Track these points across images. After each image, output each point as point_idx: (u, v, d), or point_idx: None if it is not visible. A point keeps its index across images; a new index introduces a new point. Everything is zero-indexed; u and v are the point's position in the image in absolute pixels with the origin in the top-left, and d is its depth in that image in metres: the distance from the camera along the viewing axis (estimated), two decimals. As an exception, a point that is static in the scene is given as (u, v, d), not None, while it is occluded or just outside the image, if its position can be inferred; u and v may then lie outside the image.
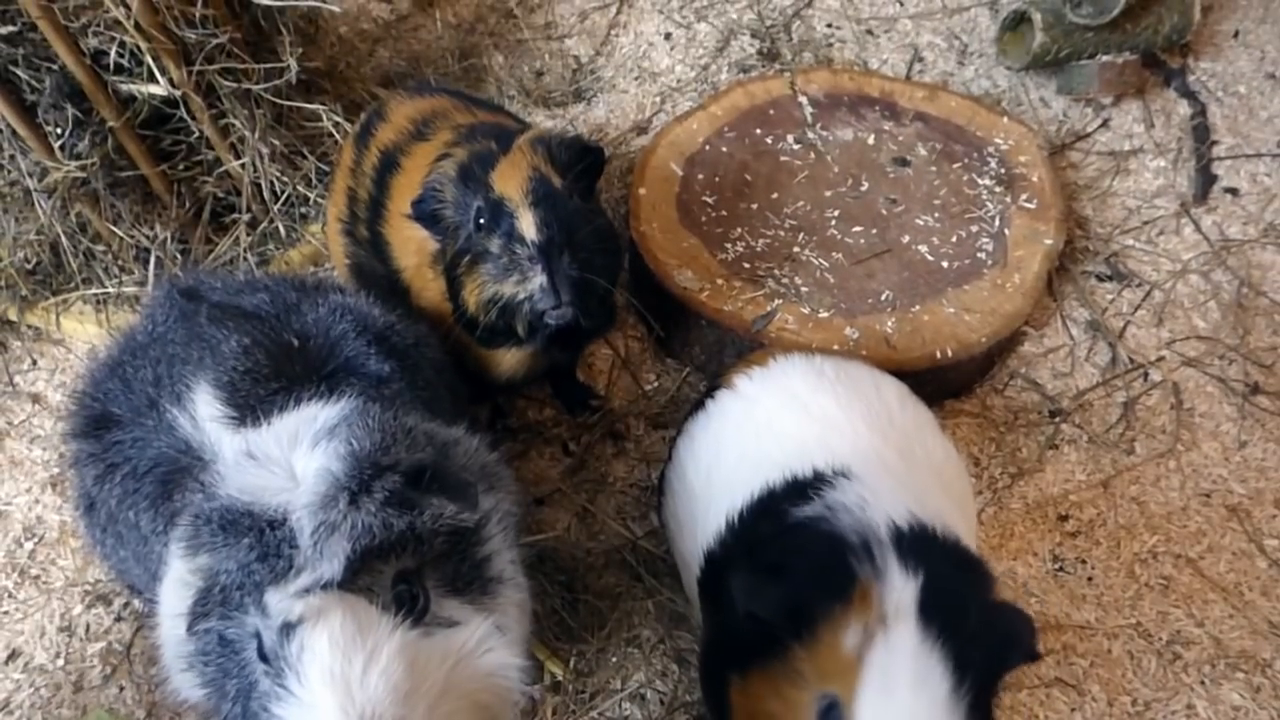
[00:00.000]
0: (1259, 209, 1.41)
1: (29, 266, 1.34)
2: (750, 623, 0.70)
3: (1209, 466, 1.16)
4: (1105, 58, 1.48)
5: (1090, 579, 1.07)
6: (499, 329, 1.00)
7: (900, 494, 0.76)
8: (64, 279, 1.36)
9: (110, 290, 1.35)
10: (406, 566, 0.63)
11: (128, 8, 1.10)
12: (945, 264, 1.22)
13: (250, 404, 0.72)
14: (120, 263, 1.34)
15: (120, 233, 1.28)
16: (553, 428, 1.25)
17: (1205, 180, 1.43)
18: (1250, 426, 1.19)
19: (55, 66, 1.12)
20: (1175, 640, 1.02)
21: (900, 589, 0.67)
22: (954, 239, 1.24)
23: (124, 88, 1.16)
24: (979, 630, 0.65)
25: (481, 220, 0.93)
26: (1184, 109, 1.54)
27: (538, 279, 0.91)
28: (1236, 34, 1.67)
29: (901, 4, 1.77)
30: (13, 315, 1.39)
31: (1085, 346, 1.27)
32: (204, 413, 0.72)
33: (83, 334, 1.39)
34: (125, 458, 0.77)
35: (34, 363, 1.38)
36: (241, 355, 0.75)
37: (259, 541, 0.58)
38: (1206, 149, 1.47)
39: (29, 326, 1.41)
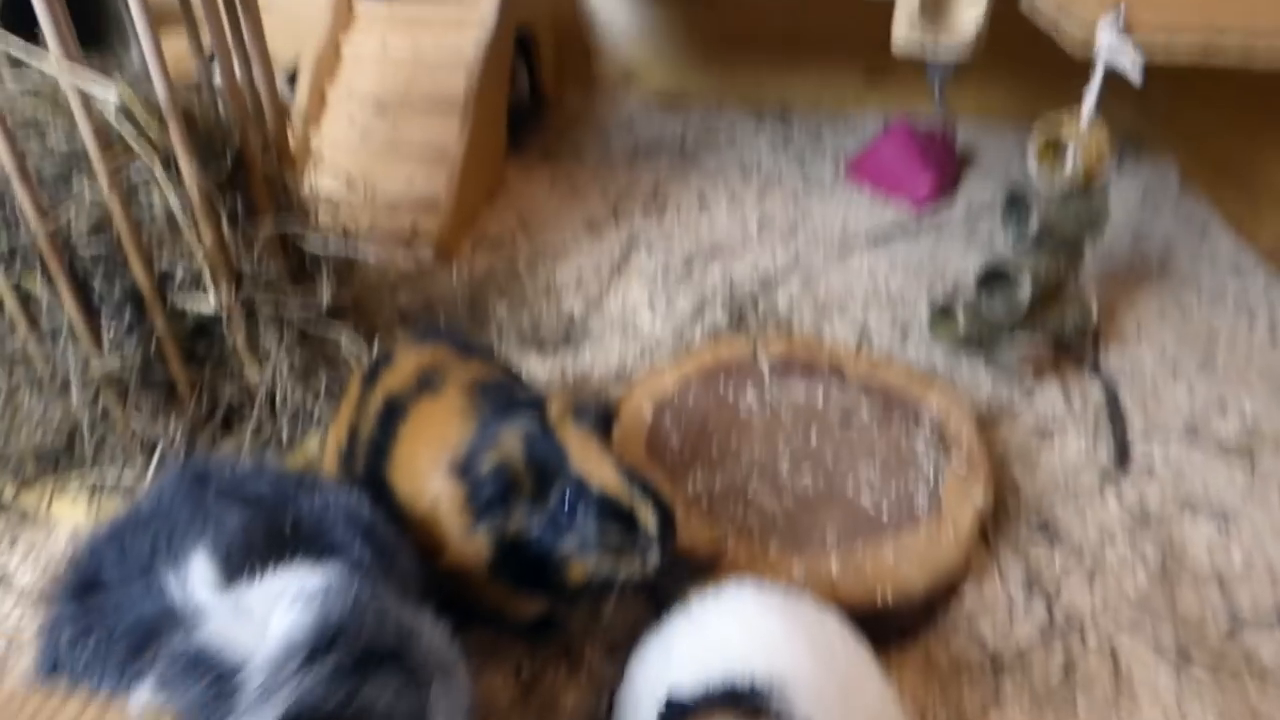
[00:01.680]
0: (1173, 484, 1.56)
1: (41, 448, 1.44)
2: None
3: (1151, 732, 1.18)
4: (1023, 344, 1.72)
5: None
6: (539, 581, 1.08)
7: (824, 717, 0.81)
8: (69, 463, 1.45)
9: (109, 481, 1.44)
10: None
11: (202, 242, 1.32)
12: (885, 514, 1.34)
13: (241, 573, 0.79)
14: (126, 453, 1.44)
15: (136, 425, 1.40)
16: (508, 648, 1.28)
17: (1123, 455, 1.60)
18: (1188, 697, 1.23)
19: (127, 279, 1.32)
20: None
21: None
22: (893, 491, 1.37)
23: (179, 303, 1.35)
24: None
25: (570, 506, 1.03)
26: (1098, 391, 1.75)
27: (655, 559, 1.04)
28: (1139, 332, 1.94)
29: (852, 290, 2.07)
30: (8, 496, 1.46)
31: (1022, 604, 1.34)
32: (196, 575, 0.79)
33: (69, 518, 1.45)
34: (103, 621, 0.81)
35: (11, 543, 1.43)
36: (241, 530, 0.83)
37: (213, 683, 0.64)
38: (1121, 428, 1.65)
39: (17, 508, 1.47)
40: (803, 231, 2.30)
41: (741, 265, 2.14)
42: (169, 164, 1.28)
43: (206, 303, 1.36)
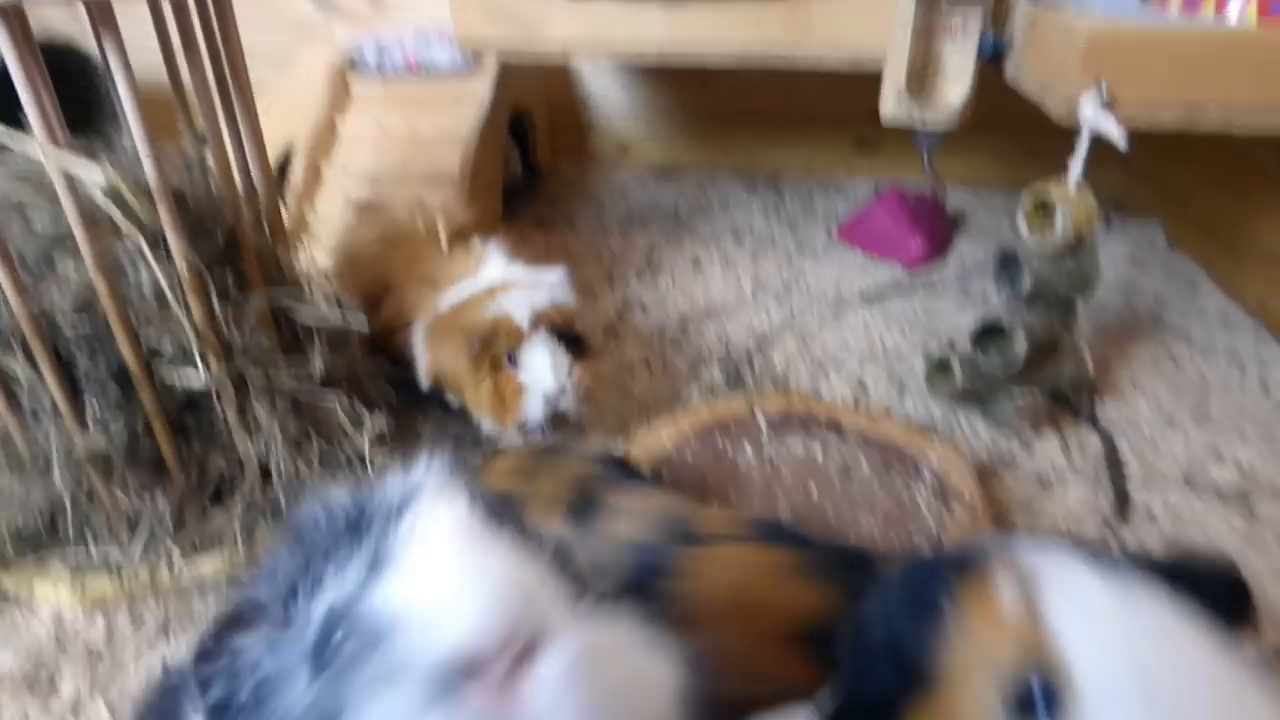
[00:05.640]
0: (1174, 531, 1.53)
1: (22, 529, 1.41)
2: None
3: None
4: (1019, 397, 1.72)
5: None
6: None
7: None
8: (52, 542, 1.42)
9: (93, 557, 1.41)
10: None
11: (191, 318, 1.32)
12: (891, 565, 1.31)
13: None
14: (112, 530, 1.41)
15: (123, 501, 1.38)
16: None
17: (1124, 504, 1.57)
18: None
19: (114, 357, 1.32)
20: None
21: None
22: (896, 544, 1.35)
23: (168, 378, 1.34)
24: None
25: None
26: (1096, 442, 1.74)
27: None
28: (1134, 384, 1.93)
29: (848, 347, 2.07)
30: (-11, 577, 1.42)
31: (1034, 657, 1.30)
32: None
33: (53, 600, 1.40)
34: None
35: (-8, 627, 1.38)
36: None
37: None
38: (1121, 477, 1.63)
39: (-1, 590, 1.43)
40: (797, 292, 2.33)
41: (736, 325, 2.16)
42: (158, 242, 1.29)
43: (197, 377, 1.35)
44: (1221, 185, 2.37)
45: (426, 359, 1.70)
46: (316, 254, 1.91)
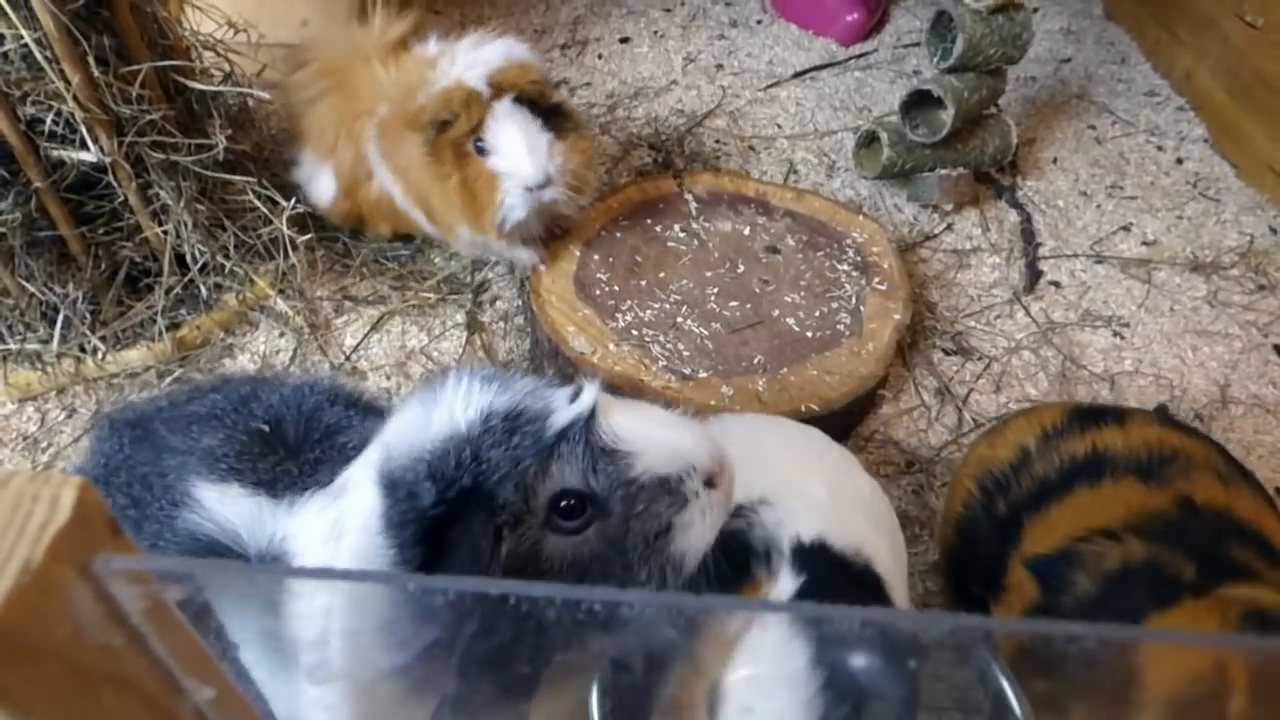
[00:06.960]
0: (1077, 298, 1.64)
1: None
2: None
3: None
4: (943, 171, 1.74)
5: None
6: None
7: (815, 519, 0.85)
8: (-34, 336, 1.37)
9: (11, 347, 1.37)
10: None
11: (68, 83, 1.20)
12: (809, 334, 1.38)
13: (264, 480, 0.72)
14: (26, 320, 1.36)
15: (33, 289, 1.32)
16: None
17: (1033, 275, 1.66)
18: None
19: (-10, 131, 1.20)
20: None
21: (784, 586, 0.78)
22: (817, 314, 1.41)
23: (54, 153, 1.24)
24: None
25: None
26: (1013, 217, 1.80)
27: None
28: (1055, 160, 1.97)
29: (779, 126, 2.03)
30: (-96, 373, 1.38)
31: (935, 409, 1.42)
32: (221, 505, 0.71)
33: (-23, 391, 1.38)
34: None
35: (-82, 420, 1.36)
36: (224, 445, 0.75)
37: None
38: (1033, 250, 1.71)
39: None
40: (729, 68, 2.23)
41: (666, 104, 2.08)
42: (15, -3, 1.14)
43: (86, 151, 1.25)
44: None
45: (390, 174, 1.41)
46: (204, 26, 1.72)
